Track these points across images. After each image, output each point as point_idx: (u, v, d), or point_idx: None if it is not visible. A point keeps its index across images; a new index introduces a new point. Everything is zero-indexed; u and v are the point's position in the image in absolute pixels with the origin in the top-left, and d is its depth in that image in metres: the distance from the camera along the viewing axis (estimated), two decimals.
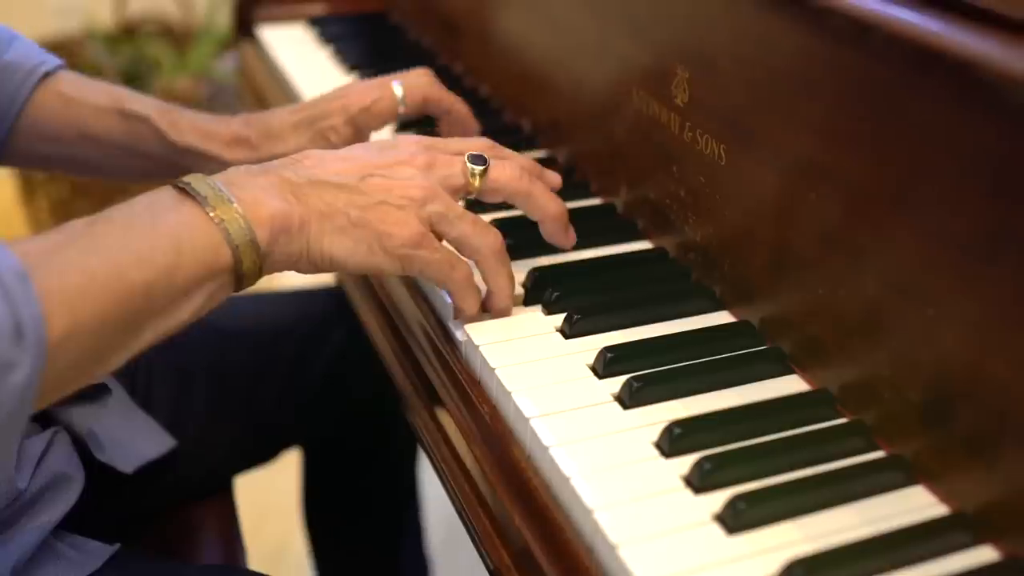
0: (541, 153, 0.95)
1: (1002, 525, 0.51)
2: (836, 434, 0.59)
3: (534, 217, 0.71)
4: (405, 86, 0.85)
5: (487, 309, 0.69)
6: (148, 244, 0.54)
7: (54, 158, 0.88)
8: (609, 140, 0.84)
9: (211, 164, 0.83)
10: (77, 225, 0.54)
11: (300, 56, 1.19)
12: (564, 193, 0.85)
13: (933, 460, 0.55)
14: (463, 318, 0.68)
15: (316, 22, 1.28)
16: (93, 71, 2.21)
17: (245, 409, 0.96)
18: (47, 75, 0.84)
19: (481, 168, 0.66)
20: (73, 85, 0.85)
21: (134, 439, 0.81)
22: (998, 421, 0.51)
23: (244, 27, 1.32)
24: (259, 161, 0.81)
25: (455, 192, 0.66)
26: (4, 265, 0.48)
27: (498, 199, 0.69)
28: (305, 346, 0.99)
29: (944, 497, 0.54)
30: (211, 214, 0.56)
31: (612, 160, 0.84)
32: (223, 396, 0.94)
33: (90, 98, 0.85)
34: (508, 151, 0.70)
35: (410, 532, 1.21)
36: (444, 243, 0.66)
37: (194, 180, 0.58)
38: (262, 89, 1.21)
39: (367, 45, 1.21)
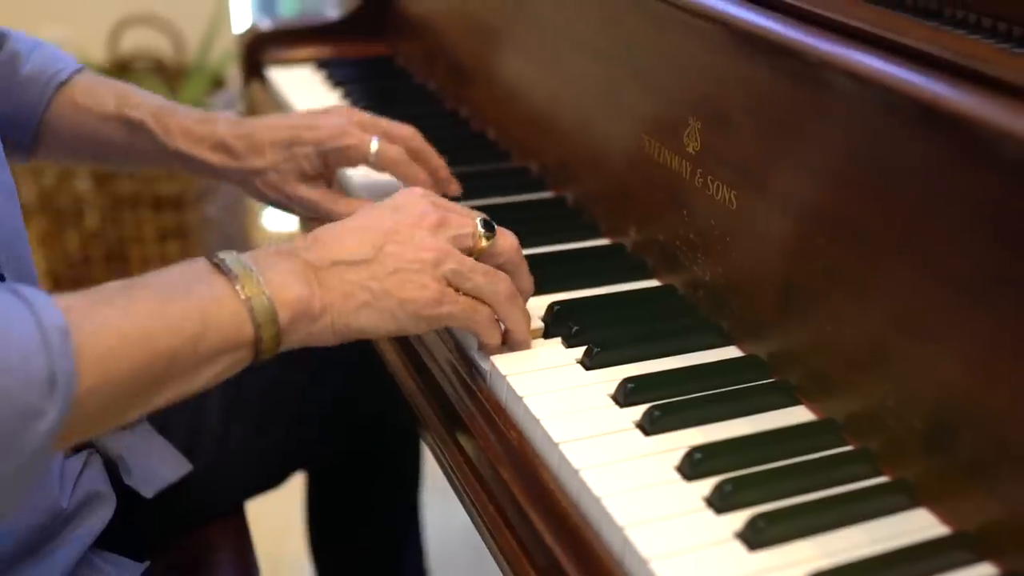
0: (549, 194, 1.00)
1: (1001, 543, 0.55)
2: (844, 460, 0.63)
3: None
4: (380, 149, 0.90)
5: (507, 343, 0.73)
6: (179, 313, 0.58)
7: (78, 156, 0.98)
8: (619, 183, 0.89)
9: (196, 165, 0.91)
10: (115, 286, 0.58)
11: (311, 98, 1.23)
12: (574, 233, 0.91)
13: (935, 484, 0.59)
14: (488, 352, 0.72)
15: (324, 65, 1.33)
16: None
17: (257, 433, 0.99)
18: (62, 84, 0.91)
19: (491, 235, 0.71)
20: (84, 92, 0.93)
21: (154, 464, 0.84)
22: (997, 447, 0.56)
23: (253, 68, 1.36)
24: (239, 170, 0.89)
25: (463, 250, 0.70)
26: (49, 320, 0.52)
27: (494, 264, 0.72)
28: (316, 371, 1.02)
29: (946, 518, 0.59)
30: (239, 291, 0.60)
31: (622, 202, 0.89)
32: (236, 420, 0.97)
33: (97, 105, 0.92)
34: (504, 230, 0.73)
35: (411, 552, 1.25)
36: None
37: (227, 257, 0.62)
38: None
39: (376, 89, 1.26)
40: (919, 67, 0.59)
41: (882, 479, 0.62)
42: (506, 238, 0.72)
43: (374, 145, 0.90)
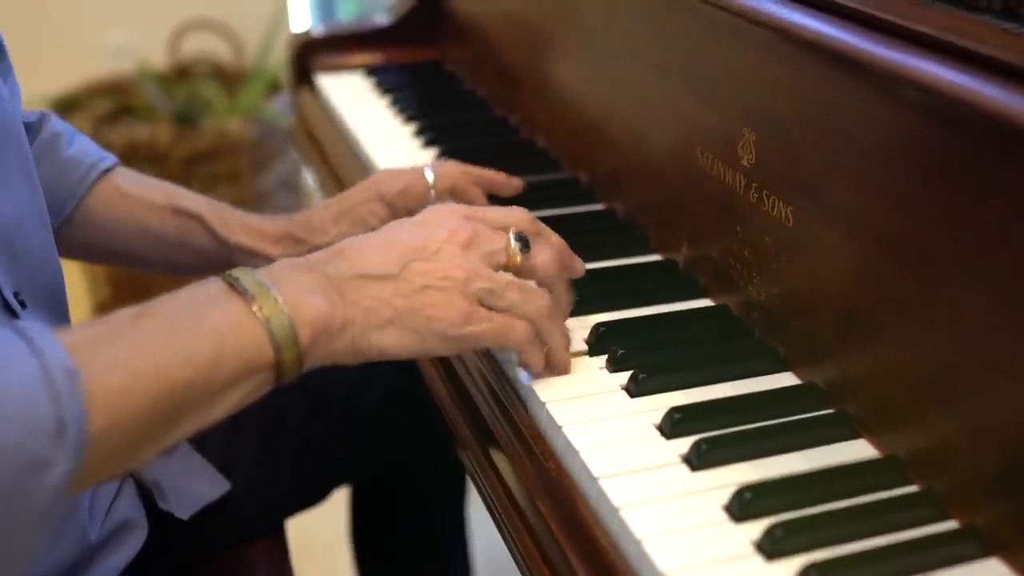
0: (599, 206, 0.96)
1: None
2: (907, 502, 0.58)
3: None
4: (436, 174, 0.88)
5: (547, 365, 0.69)
6: (191, 342, 0.54)
7: (106, 250, 0.91)
8: (671, 196, 0.85)
9: (258, 261, 0.86)
10: (124, 316, 0.54)
11: (359, 106, 1.21)
12: (623, 248, 0.87)
13: (1009, 532, 0.54)
14: (533, 372, 0.69)
15: (373, 71, 1.31)
16: (148, 112, 2.26)
17: (296, 450, 0.97)
18: (106, 171, 0.88)
19: (526, 249, 0.67)
20: (130, 181, 0.90)
21: (192, 484, 0.82)
22: None
23: (302, 75, 1.34)
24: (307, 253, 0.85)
25: (496, 267, 0.66)
26: (55, 361, 0.49)
27: (530, 279, 0.68)
28: (355, 385, 1.00)
29: (1021, 571, 0.54)
30: (256, 312, 0.57)
31: (673, 216, 0.84)
32: (275, 437, 0.95)
33: (145, 194, 0.89)
34: (545, 228, 0.71)
35: (457, 565, 1.22)
36: None
37: (242, 275, 0.58)
38: (320, 137, 1.23)
39: (424, 96, 1.23)
40: (994, 77, 0.54)
41: (950, 524, 0.57)
42: (544, 252, 0.68)
43: (429, 175, 0.88)
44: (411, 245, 0.64)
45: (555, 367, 0.69)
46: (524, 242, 0.67)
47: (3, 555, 0.48)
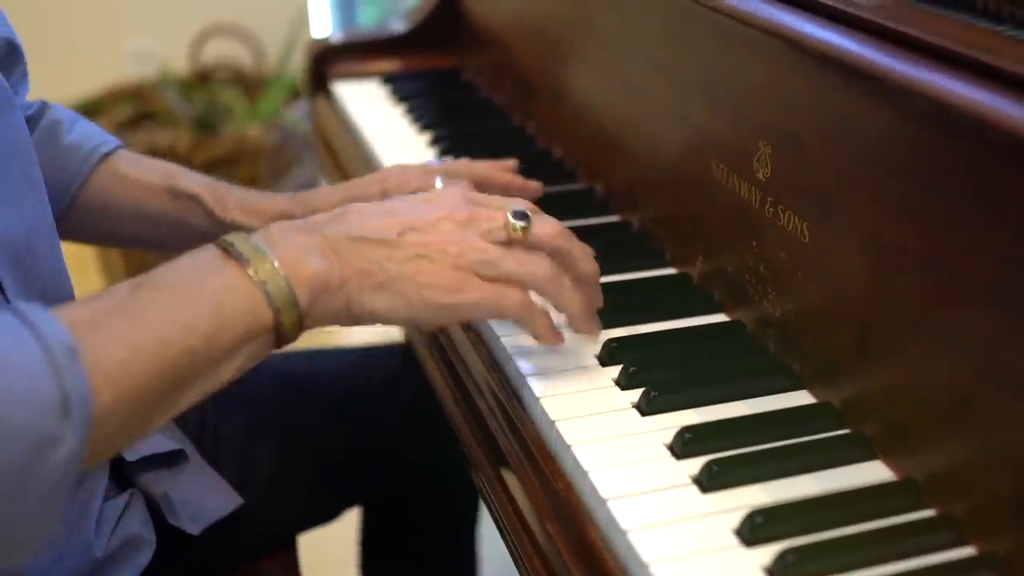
0: (614, 218, 0.95)
1: None
2: (923, 527, 0.57)
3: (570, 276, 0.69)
4: (445, 184, 0.86)
5: (574, 328, 0.69)
6: (191, 311, 0.55)
7: (109, 233, 0.92)
8: (686, 209, 0.83)
9: None
10: (123, 289, 0.55)
11: (374, 114, 1.20)
12: (637, 260, 0.86)
13: None
14: (541, 340, 0.68)
15: (389, 79, 1.30)
16: (168, 117, 2.26)
17: (311, 466, 0.96)
18: (106, 155, 0.89)
19: (524, 224, 0.66)
20: (130, 164, 0.90)
21: (204, 498, 0.82)
22: None
23: (318, 82, 1.34)
24: None
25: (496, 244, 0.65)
26: (55, 339, 0.49)
27: (539, 252, 0.67)
28: (373, 404, 0.99)
29: None
30: (252, 275, 0.57)
31: (688, 229, 0.83)
32: (291, 453, 0.94)
33: (144, 177, 0.89)
34: (546, 215, 0.70)
35: None
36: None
37: (236, 240, 0.59)
38: (335, 145, 1.23)
39: (440, 104, 1.22)
40: (1010, 91, 0.53)
41: (967, 551, 0.55)
42: (544, 224, 0.67)
43: (439, 184, 0.87)
44: (410, 216, 0.64)
45: (579, 329, 0.69)
46: (522, 216, 0.66)
47: (13, 536, 0.48)
